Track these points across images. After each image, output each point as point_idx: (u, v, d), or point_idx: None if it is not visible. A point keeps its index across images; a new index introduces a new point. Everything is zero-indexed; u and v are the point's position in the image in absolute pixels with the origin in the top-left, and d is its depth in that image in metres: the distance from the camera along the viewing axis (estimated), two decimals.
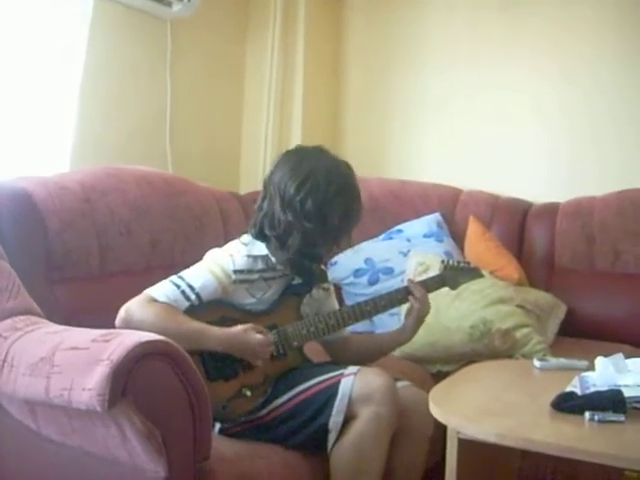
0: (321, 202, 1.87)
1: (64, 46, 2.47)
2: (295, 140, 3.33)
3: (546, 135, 3.18)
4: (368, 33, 3.53)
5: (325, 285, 2.08)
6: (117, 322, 1.77)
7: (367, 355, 2.07)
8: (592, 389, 1.70)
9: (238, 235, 2.00)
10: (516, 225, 3.04)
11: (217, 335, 1.81)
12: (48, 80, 2.44)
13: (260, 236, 1.95)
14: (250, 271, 1.91)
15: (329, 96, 3.57)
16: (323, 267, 2.10)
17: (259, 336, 1.84)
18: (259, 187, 3.24)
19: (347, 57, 3.58)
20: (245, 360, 1.85)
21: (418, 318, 2.06)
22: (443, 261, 2.21)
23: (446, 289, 2.19)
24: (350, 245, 2.04)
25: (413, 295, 2.04)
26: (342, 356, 2.05)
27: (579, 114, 3.11)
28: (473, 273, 2.27)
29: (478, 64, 3.27)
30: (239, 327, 1.83)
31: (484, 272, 2.49)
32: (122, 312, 1.78)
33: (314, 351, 2.06)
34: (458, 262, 2.25)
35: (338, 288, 2.86)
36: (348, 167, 1.96)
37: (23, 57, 2.35)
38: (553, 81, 3.14)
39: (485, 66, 3.26)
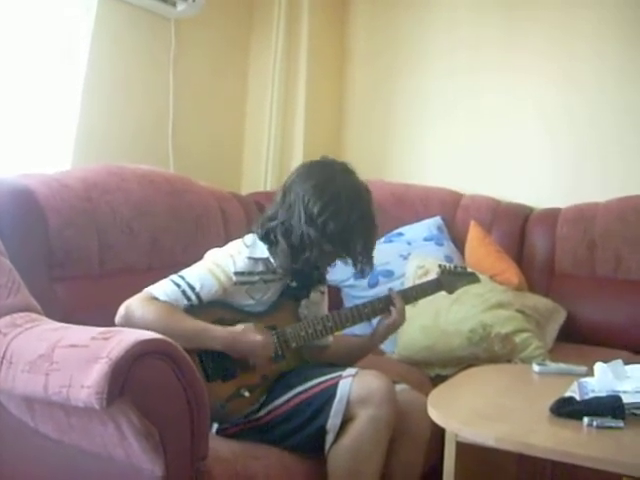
0: (342, 228, 1.87)
1: (68, 44, 2.47)
2: (298, 142, 3.34)
3: (548, 140, 3.18)
4: (371, 37, 3.53)
5: (322, 288, 2.09)
6: (117, 319, 1.78)
7: (339, 360, 2.04)
8: (591, 395, 1.71)
9: (239, 235, 2.00)
10: (517, 230, 3.04)
11: (218, 334, 1.81)
12: (51, 78, 2.44)
13: (266, 239, 1.95)
14: (251, 273, 1.91)
15: (332, 98, 3.57)
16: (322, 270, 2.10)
17: (259, 336, 1.84)
18: (260, 188, 3.28)
19: (351, 59, 3.58)
20: (244, 360, 1.85)
21: (392, 328, 2.05)
22: (440, 265, 2.22)
23: (444, 293, 2.19)
24: (371, 268, 2.03)
25: (394, 305, 2.03)
26: (313, 359, 2.04)
27: (582, 119, 3.11)
28: (470, 278, 2.28)
29: (481, 68, 3.27)
30: (240, 326, 1.83)
31: (484, 276, 2.50)
32: (122, 309, 1.78)
33: None
34: (455, 267, 2.26)
35: (337, 290, 2.86)
36: (368, 192, 1.97)
37: (27, 55, 2.35)
38: (556, 85, 3.14)
39: (488, 70, 3.26)
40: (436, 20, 3.38)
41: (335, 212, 1.86)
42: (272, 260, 1.94)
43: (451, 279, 2.20)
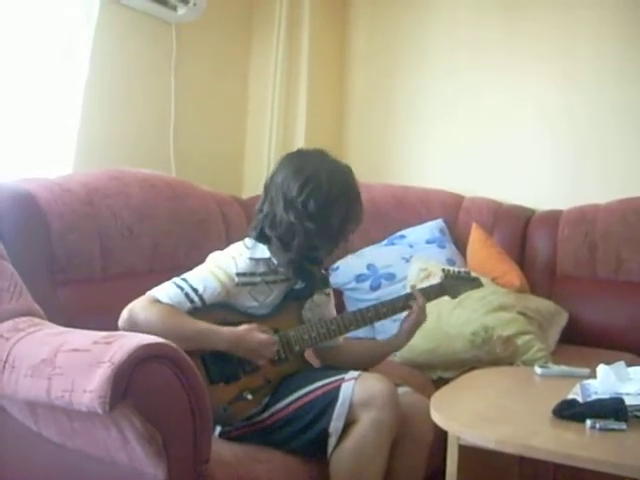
0: (323, 203, 1.88)
1: (69, 48, 2.48)
2: (299, 145, 3.32)
3: (549, 140, 3.18)
4: (372, 37, 3.53)
5: (327, 290, 2.09)
6: (120, 323, 1.78)
7: (362, 362, 2.06)
8: (594, 397, 1.71)
9: (240, 239, 2.00)
10: (518, 232, 3.04)
11: (221, 335, 1.81)
12: (53, 82, 2.44)
13: (261, 238, 1.95)
14: (252, 274, 1.91)
15: (333, 101, 3.57)
16: (324, 272, 2.10)
17: (263, 336, 1.84)
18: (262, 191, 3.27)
19: (351, 62, 3.58)
20: (246, 363, 1.86)
21: (415, 324, 2.07)
22: (444, 270, 2.22)
23: (447, 297, 2.19)
24: (347, 248, 2.03)
25: (415, 301, 2.05)
26: (334, 364, 2.04)
27: (582, 119, 3.11)
28: (473, 283, 2.28)
29: (481, 69, 3.27)
30: (243, 327, 1.84)
31: (486, 279, 2.50)
32: (125, 313, 1.78)
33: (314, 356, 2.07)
34: (459, 271, 2.26)
35: (340, 293, 2.86)
36: (348, 169, 1.98)
37: (29, 59, 2.36)
38: (556, 86, 3.14)
39: (488, 71, 3.26)
40: (436, 20, 3.38)
41: (314, 190, 1.87)
42: (273, 259, 1.94)
43: (455, 284, 2.20)
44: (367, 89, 3.55)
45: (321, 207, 1.88)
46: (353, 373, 1.81)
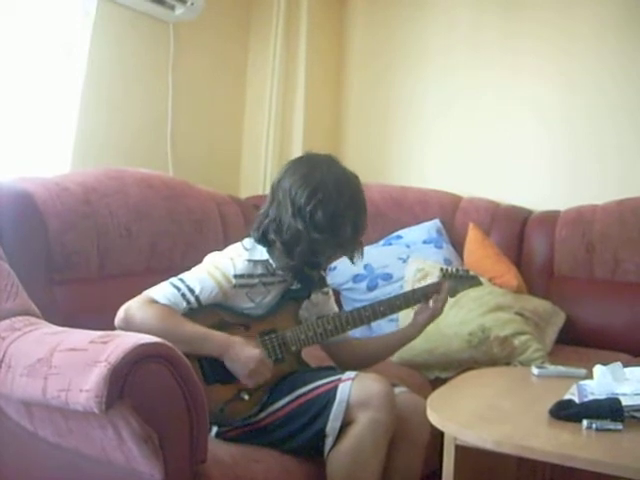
0: (332, 214, 1.87)
1: (67, 48, 2.48)
2: (296, 145, 3.34)
3: (547, 141, 3.18)
4: (370, 39, 3.53)
5: (325, 289, 2.09)
6: (116, 322, 1.77)
7: (376, 354, 2.09)
8: (590, 397, 1.71)
9: (238, 239, 2.00)
10: (516, 232, 3.04)
11: (215, 340, 1.80)
12: (50, 81, 2.44)
13: (263, 240, 1.94)
14: (250, 276, 1.91)
15: (331, 101, 3.57)
16: (322, 272, 2.10)
17: (257, 350, 1.83)
18: (259, 191, 3.28)
19: (349, 62, 3.59)
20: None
21: (432, 317, 2.09)
22: (442, 269, 2.22)
23: None
24: (362, 255, 2.03)
25: (438, 293, 2.09)
26: (347, 358, 2.05)
27: (580, 120, 3.11)
28: (472, 281, 2.28)
29: (480, 69, 3.27)
30: (237, 337, 1.83)
31: (483, 279, 2.50)
32: (122, 312, 1.78)
33: (312, 356, 2.06)
34: (457, 270, 2.26)
35: (337, 293, 2.86)
36: (356, 178, 1.97)
37: (26, 58, 2.36)
38: (554, 86, 3.14)
39: (486, 71, 3.26)
40: (434, 20, 3.38)
41: (322, 200, 1.86)
42: (272, 262, 1.94)
43: (453, 282, 2.20)
44: (365, 89, 3.55)
45: (329, 219, 1.87)
46: (350, 373, 1.81)
